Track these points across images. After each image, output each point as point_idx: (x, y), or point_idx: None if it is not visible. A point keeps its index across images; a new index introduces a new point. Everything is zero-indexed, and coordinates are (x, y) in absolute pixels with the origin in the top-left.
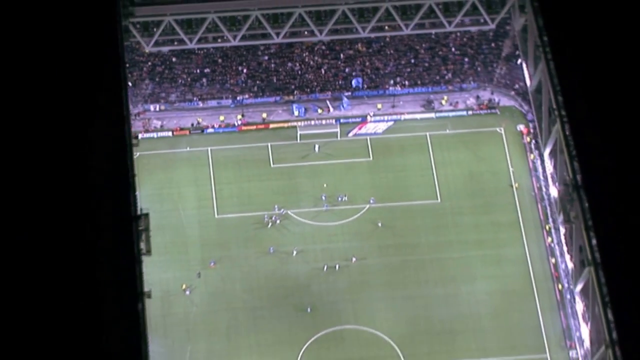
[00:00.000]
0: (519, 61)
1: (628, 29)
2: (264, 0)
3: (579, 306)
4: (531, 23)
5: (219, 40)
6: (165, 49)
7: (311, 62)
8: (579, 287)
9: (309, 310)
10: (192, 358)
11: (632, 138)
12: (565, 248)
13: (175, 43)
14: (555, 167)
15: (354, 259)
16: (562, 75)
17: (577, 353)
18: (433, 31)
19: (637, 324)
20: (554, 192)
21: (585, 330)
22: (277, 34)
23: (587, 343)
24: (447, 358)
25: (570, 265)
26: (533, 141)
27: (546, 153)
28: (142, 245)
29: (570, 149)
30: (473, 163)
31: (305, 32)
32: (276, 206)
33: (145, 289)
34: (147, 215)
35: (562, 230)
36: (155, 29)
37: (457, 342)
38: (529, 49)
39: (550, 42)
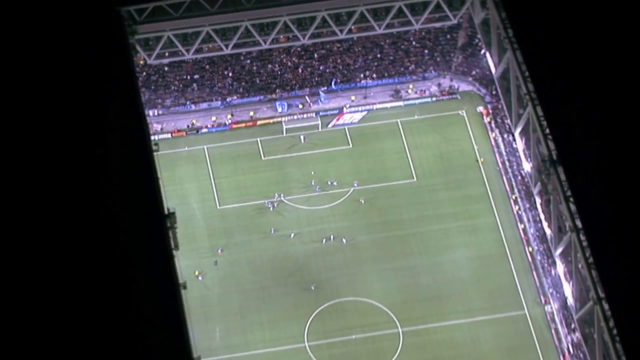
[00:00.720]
0: (483, 51)
1: (584, 18)
2: (252, 12)
3: (560, 267)
4: (493, 16)
5: (206, 48)
6: (165, 61)
7: (289, 63)
8: (559, 250)
9: (312, 288)
10: (212, 337)
11: (599, 114)
12: (531, 215)
13: (171, 54)
14: (527, 144)
15: (344, 240)
16: (530, 62)
17: (551, 307)
18: (403, 29)
19: (619, 280)
20: (527, 167)
21: (567, 289)
22: (265, 41)
23: (570, 300)
24: (438, 320)
25: (549, 231)
26: (492, 121)
27: (517, 132)
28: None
29: (543, 129)
30: (442, 144)
31: (289, 37)
32: (276, 194)
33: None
34: (173, 213)
35: (538, 200)
36: (155, 44)
37: (445, 306)
38: (493, 40)
39: (515, 33)
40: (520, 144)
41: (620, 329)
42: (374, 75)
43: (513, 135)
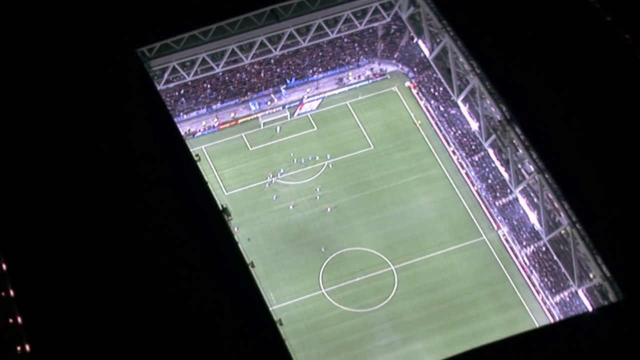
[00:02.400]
0: (415, 40)
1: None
2: (236, 37)
3: (522, 201)
4: (424, 11)
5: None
6: (171, 85)
7: (252, 70)
8: (519, 188)
9: (323, 249)
10: None
11: (530, 81)
12: (469, 161)
13: (175, 79)
14: (470, 108)
15: (328, 209)
16: (467, 45)
17: (502, 231)
18: (349, 32)
19: (587, 206)
20: (474, 126)
21: (532, 217)
22: (246, 57)
23: (537, 226)
24: (419, 255)
25: (506, 175)
26: (419, 92)
27: (459, 100)
28: None
29: (494, 96)
30: (385, 115)
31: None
32: (269, 175)
33: None
34: (227, 208)
35: (491, 150)
36: (163, 73)
37: (422, 243)
38: (425, 30)
39: (450, 23)
40: (464, 109)
41: (596, 244)
42: (320, 69)
43: (438, 102)
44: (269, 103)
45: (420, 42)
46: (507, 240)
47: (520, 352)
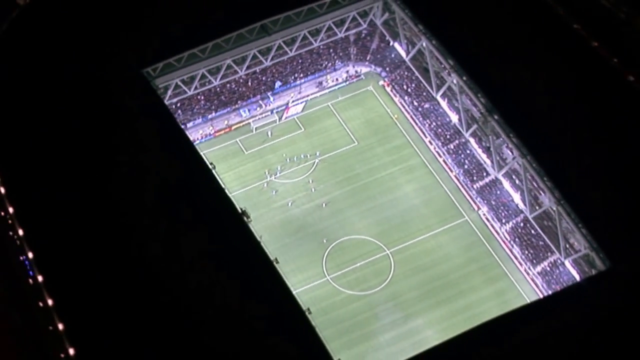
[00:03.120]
0: (391, 43)
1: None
2: (231, 51)
3: (505, 183)
4: (399, 16)
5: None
6: (174, 100)
7: (240, 80)
8: (502, 172)
9: (325, 241)
10: None
11: (510, 72)
12: (445, 150)
13: (177, 94)
14: (449, 103)
15: (324, 205)
16: (443, 44)
17: (482, 211)
18: (331, 40)
19: (568, 183)
20: (454, 118)
21: (516, 197)
22: (241, 69)
23: (520, 205)
24: (411, 239)
25: (488, 162)
26: (393, 89)
27: (438, 96)
28: None
29: (474, 90)
30: (364, 113)
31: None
32: (267, 175)
33: None
34: (246, 210)
35: (472, 139)
36: (166, 89)
37: (412, 227)
38: (400, 34)
39: (425, 25)
40: (443, 103)
41: (581, 217)
42: (301, 75)
43: (411, 97)
44: (258, 109)
45: (396, 44)
46: (487, 219)
47: (517, 326)
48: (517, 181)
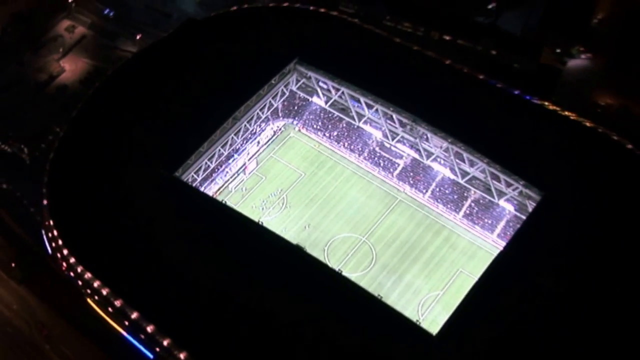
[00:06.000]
0: (310, 99)
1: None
2: (219, 141)
3: (435, 165)
4: (314, 77)
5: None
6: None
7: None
8: (431, 158)
9: (326, 249)
10: None
11: (416, 92)
12: None
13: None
14: (372, 124)
15: (306, 227)
16: (358, 85)
17: (413, 190)
18: (267, 113)
19: (488, 146)
20: (378, 135)
21: (447, 172)
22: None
23: (452, 177)
24: (373, 224)
25: (416, 155)
26: (307, 130)
27: (360, 123)
28: None
29: (387, 114)
30: (298, 152)
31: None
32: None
33: None
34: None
35: (400, 144)
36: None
37: (369, 216)
38: (318, 90)
39: (338, 77)
40: (367, 127)
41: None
42: (246, 141)
43: (322, 131)
44: (227, 173)
45: (314, 98)
46: (415, 193)
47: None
48: (443, 161)
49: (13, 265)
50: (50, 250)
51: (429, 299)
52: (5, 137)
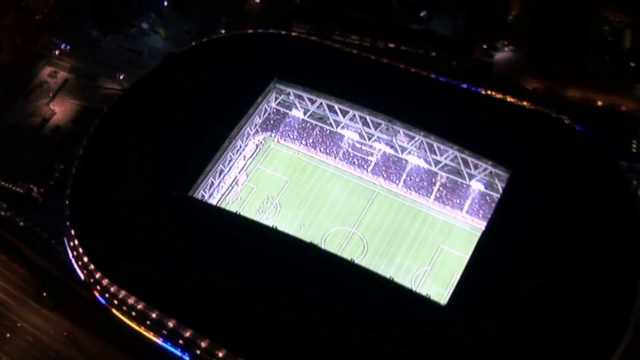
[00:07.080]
0: (289, 113)
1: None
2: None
3: (411, 157)
4: (294, 93)
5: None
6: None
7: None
8: (406, 152)
9: (323, 242)
10: None
11: (388, 101)
12: None
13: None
14: (349, 128)
15: (302, 227)
16: (335, 95)
17: (388, 181)
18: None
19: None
20: (356, 137)
21: (422, 163)
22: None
23: (426, 167)
24: (359, 216)
25: (392, 151)
26: (284, 140)
27: (338, 129)
28: None
29: (364, 118)
30: (280, 161)
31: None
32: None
33: None
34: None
35: (377, 143)
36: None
37: (354, 210)
38: (297, 104)
39: (315, 91)
40: (346, 132)
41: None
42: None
43: (299, 140)
44: (222, 186)
45: (294, 111)
46: (390, 183)
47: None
48: (417, 154)
49: (45, 294)
50: (82, 277)
51: (419, 275)
52: (14, 179)
